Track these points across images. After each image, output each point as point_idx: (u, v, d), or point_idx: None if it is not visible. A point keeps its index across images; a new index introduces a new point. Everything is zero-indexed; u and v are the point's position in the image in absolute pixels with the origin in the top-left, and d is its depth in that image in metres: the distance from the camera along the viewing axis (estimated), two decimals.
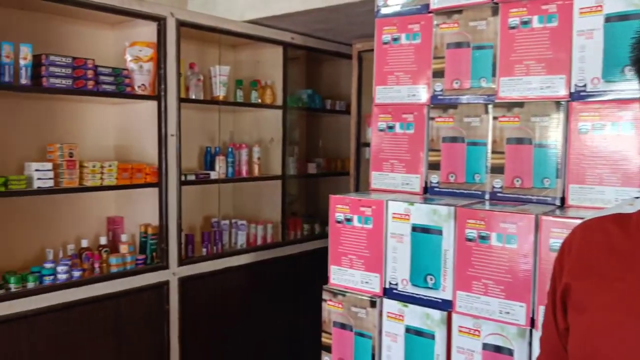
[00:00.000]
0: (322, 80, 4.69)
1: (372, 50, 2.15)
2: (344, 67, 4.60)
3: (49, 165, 2.84)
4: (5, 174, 2.85)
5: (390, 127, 2.12)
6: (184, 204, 3.40)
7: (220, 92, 3.68)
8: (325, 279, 2.05)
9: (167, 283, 3.28)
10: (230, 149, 3.80)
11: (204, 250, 3.59)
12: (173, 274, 3.32)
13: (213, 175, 3.66)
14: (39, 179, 2.79)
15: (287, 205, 4.12)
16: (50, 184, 2.83)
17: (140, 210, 3.44)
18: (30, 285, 2.77)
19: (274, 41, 3.92)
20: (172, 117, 3.29)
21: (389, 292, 1.87)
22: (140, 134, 3.40)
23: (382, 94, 2.12)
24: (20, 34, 2.92)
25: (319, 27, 3.95)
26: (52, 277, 2.84)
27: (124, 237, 3.33)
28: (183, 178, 3.39)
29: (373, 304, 1.89)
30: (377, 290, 1.90)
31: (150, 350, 3.23)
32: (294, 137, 4.20)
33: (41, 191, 2.81)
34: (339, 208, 1.99)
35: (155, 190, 3.29)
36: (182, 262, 3.37)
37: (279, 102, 4.06)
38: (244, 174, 3.91)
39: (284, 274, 4.06)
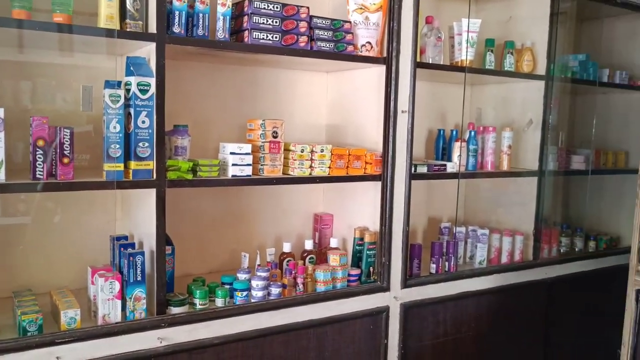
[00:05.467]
0: (599, 42, 3.45)
1: None
2: (631, 24, 3.33)
3: (248, 148, 2.16)
4: (198, 155, 2.26)
5: None
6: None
7: (466, 56, 2.71)
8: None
9: (386, 310, 2.45)
10: (472, 133, 2.83)
11: (433, 266, 2.69)
12: (395, 298, 2.48)
13: (450, 167, 2.72)
14: (234, 164, 2.13)
15: (543, 210, 3.03)
16: (248, 171, 2.16)
17: (355, 208, 2.65)
18: (219, 301, 2.13)
19: None
20: (404, 87, 2.42)
21: None
22: (360, 110, 2.60)
23: None
24: None
25: None
26: (245, 292, 2.17)
27: (333, 242, 2.57)
28: (413, 170, 2.51)
29: None
30: None
31: None
32: (557, 120, 3.06)
33: (236, 181, 2.14)
34: None
35: (377, 184, 2.47)
36: (406, 282, 2.51)
37: (541, 70, 2.97)
38: (489, 166, 2.92)
39: (534, 304, 3.00)
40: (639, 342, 2.79)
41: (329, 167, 2.35)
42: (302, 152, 2.28)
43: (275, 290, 2.22)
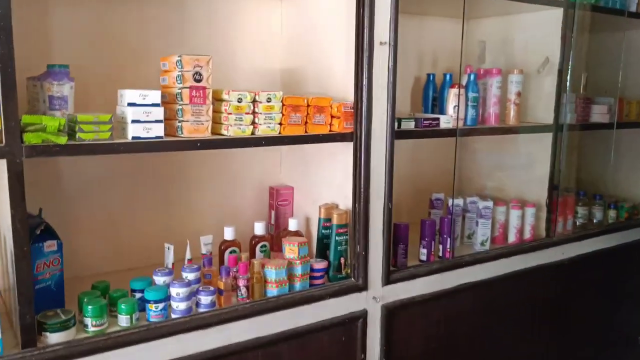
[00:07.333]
0: None
1: None
2: None
3: (155, 96, 1.47)
4: (93, 107, 1.59)
5: None
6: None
7: None
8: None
9: (363, 316, 1.82)
10: (471, 77, 2.17)
11: (424, 252, 2.07)
12: (374, 298, 1.85)
13: (444, 121, 2.07)
14: (135, 121, 1.44)
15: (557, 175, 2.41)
16: (157, 131, 1.47)
17: (320, 179, 2.00)
18: (123, 319, 1.48)
19: None
20: (383, 9, 1.74)
21: None
22: (324, 48, 1.92)
23: None
24: None
25: None
26: (161, 304, 1.52)
27: (292, 224, 1.92)
28: (397, 126, 1.86)
29: None
30: None
31: None
32: (576, 60, 2.41)
33: (138, 146, 1.45)
34: None
35: (348, 146, 1.81)
36: (389, 277, 1.88)
37: None
38: (493, 120, 2.27)
39: (548, 292, 2.41)
40: None
41: (280, 124, 1.68)
42: (239, 102, 1.61)
43: (205, 300, 1.57)
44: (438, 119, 2.04)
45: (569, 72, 2.30)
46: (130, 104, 1.43)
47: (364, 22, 1.70)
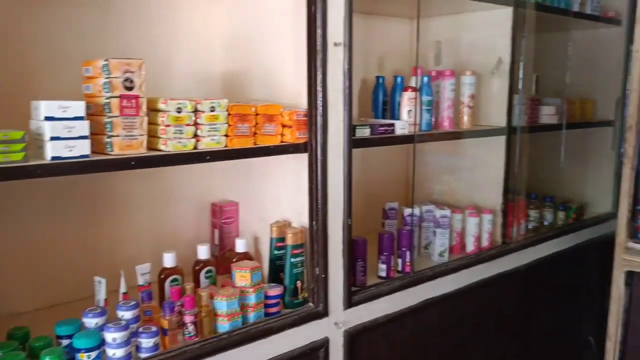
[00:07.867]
0: None
1: None
2: None
3: (79, 108, 1.24)
4: (2, 123, 1.33)
5: None
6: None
7: None
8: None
9: (324, 344, 1.65)
10: (425, 80, 2.05)
11: (383, 268, 1.92)
12: (336, 324, 1.68)
13: (400, 127, 1.93)
14: (55, 138, 1.21)
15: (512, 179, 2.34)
16: (82, 149, 1.24)
17: (269, 194, 1.82)
18: None
19: None
20: (336, 6, 1.58)
21: None
22: (271, 47, 1.74)
23: None
24: None
25: None
26: (95, 352, 1.29)
27: (240, 245, 1.72)
28: (354, 134, 1.70)
29: None
30: None
31: None
32: (527, 60, 2.35)
33: (59, 167, 1.22)
34: None
35: (302, 158, 1.63)
36: (350, 299, 1.72)
37: None
38: (448, 124, 2.16)
39: (506, 301, 2.33)
40: (627, 334, 2.23)
41: (226, 135, 1.49)
42: (179, 112, 1.40)
43: (147, 343, 1.35)
44: (393, 124, 1.90)
45: (521, 73, 2.23)
46: (47, 118, 1.19)
47: (316, 21, 1.53)
